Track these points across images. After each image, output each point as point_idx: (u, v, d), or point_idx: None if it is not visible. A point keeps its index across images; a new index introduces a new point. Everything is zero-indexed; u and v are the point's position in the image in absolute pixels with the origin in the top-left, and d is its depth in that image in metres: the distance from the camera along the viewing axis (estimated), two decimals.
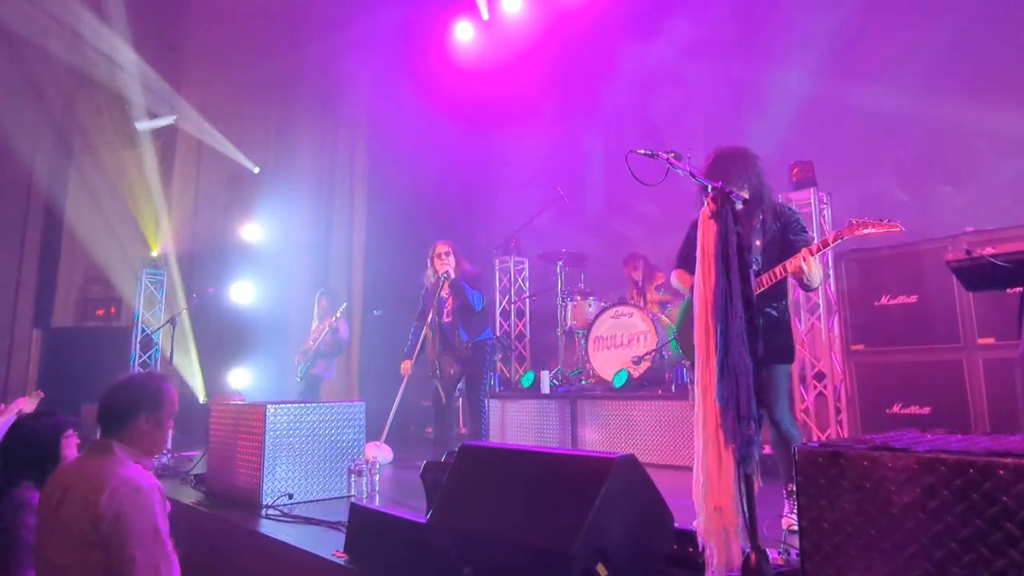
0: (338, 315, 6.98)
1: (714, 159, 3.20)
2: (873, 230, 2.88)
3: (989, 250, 3.26)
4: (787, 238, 3.16)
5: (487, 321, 5.41)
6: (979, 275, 3.38)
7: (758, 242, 3.20)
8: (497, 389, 6.91)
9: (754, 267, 3.13)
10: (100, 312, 9.33)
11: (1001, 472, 1.21)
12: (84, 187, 9.06)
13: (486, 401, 5.33)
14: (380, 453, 5.65)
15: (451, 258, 5.19)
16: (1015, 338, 3.40)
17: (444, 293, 5.12)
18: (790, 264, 2.97)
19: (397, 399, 5.51)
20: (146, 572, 2.04)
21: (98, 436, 2.32)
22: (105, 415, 2.30)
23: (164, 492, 2.21)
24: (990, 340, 4.40)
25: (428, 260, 5.32)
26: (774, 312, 3.20)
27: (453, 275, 5.06)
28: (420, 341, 5.31)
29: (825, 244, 2.97)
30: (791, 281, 3.22)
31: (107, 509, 2.04)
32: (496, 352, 6.92)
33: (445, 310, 5.20)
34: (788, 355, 3.23)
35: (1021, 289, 3.41)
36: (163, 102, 9.09)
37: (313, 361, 7.07)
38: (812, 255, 2.92)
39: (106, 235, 9.06)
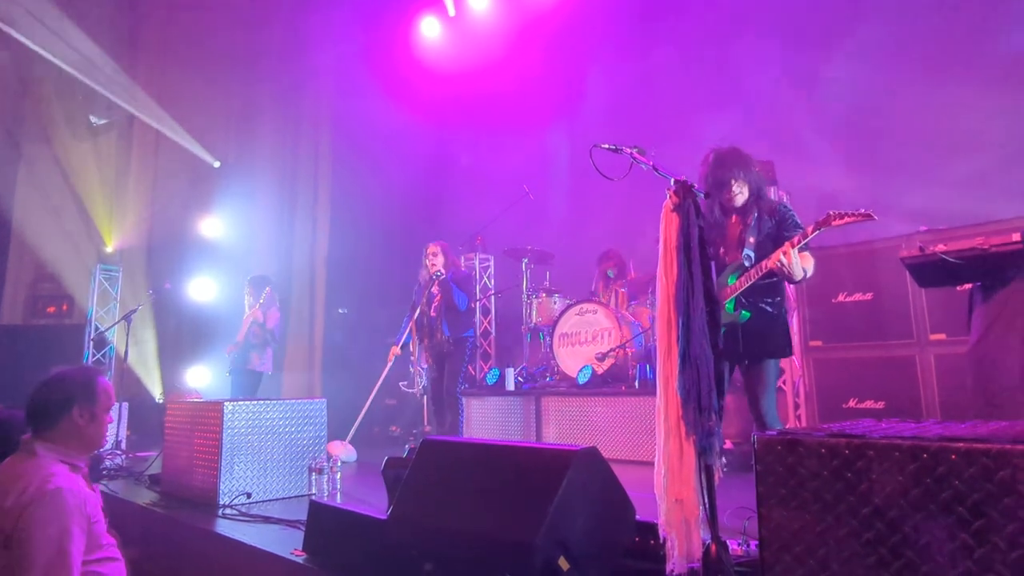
0: (261, 302, 6.52)
1: (714, 162, 3.24)
2: (850, 220, 2.93)
3: (941, 247, 3.35)
4: (782, 235, 3.20)
5: (471, 321, 5.67)
6: (932, 272, 3.48)
7: (752, 239, 3.23)
8: (464, 386, 6.88)
9: (747, 263, 3.18)
10: (51, 309, 8.99)
11: (953, 457, 1.23)
12: (34, 179, 8.74)
13: (461, 396, 5.51)
14: (344, 452, 5.63)
15: (439, 258, 5.45)
16: (966, 334, 3.51)
17: (434, 290, 5.39)
18: (770, 259, 3.00)
19: (372, 394, 5.69)
20: None
21: (27, 436, 2.19)
22: (35, 412, 2.18)
23: (80, 497, 2.03)
24: (942, 336, 4.53)
25: (423, 258, 5.61)
26: (769, 307, 3.24)
27: (444, 274, 5.33)
28: (407, 331, 5.56)
29: (805, 237, 2.99)
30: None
31: (9, 512, 1.93)
32: (476, 350, 7.00)
33: (433, 305, 5.44)
34: (781, 350, 3.27)
35: (971, 286, 3.52)
36: (119, 92, 8.82)
37: (245, 355, 6.54)
38: (793, 247, 2.96)
39: (58, 229, 8.75)
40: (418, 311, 5.50)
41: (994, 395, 3.20)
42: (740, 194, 3.27)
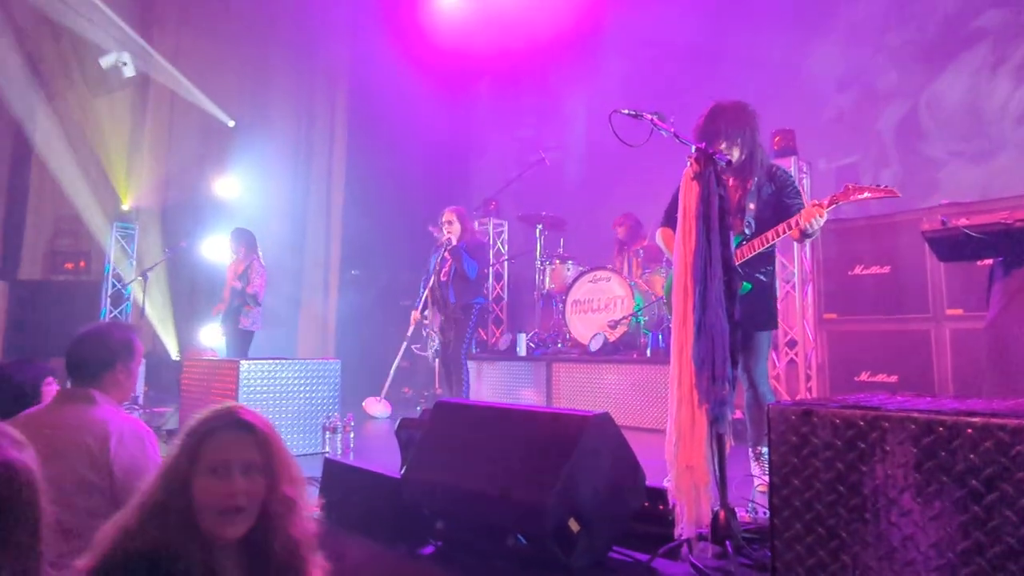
0: (241, 271, 6.16)
1: (709, 114, 3.06)
2: (869, 195, 2.80)
3: (964, 221, 3.30)
4: (782, 201, 3.06)
5: (480, 288, 5.65)
6: (953, 246, 3.43)
7: (752, 205, 3.08)
8: (474, 351, 6.92)
9: (747, 231, 3.06)
10: (69, 265, 9.09)
11: (969, 431, 1.23)
12: (52, 137, 8.75)
13: (467, 361, 5.52)
14: (380, 408, 5.80)
15: (455, 225, 5.42)
16: (983, 309, 3.47)
17: (445, 255, 5.45)
18: (802, 216, 2.82)
19: (400, 353, 5.93)
20: None
21: (69, 385, 2.29)
22: (81, 365, 2.26)
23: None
24: (959, 311, 4.48)
25: (439, 223, 5.62)
26: (763, 277, 3.13)
27: (455, 242, 5.36)
28: (424, 297, 5.63)
29: (833, 202, 2.85)
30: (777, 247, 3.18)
31: (118, 456, 2.05)
32: (484, 316, 7.01)
33: (443, 271, 5.48)
34: (773, 321, 3.22)
35: (992, 261, 3.47)
36: (135, 49, 8.76)
37: (234, 316, 6.21)
38: (825, 208, 2.78)
39: (75, 187, 8.79)
40: (432, 277, 5.55)
41: (1011, 371, 3.18)
42: (729, 154, 3.02)
